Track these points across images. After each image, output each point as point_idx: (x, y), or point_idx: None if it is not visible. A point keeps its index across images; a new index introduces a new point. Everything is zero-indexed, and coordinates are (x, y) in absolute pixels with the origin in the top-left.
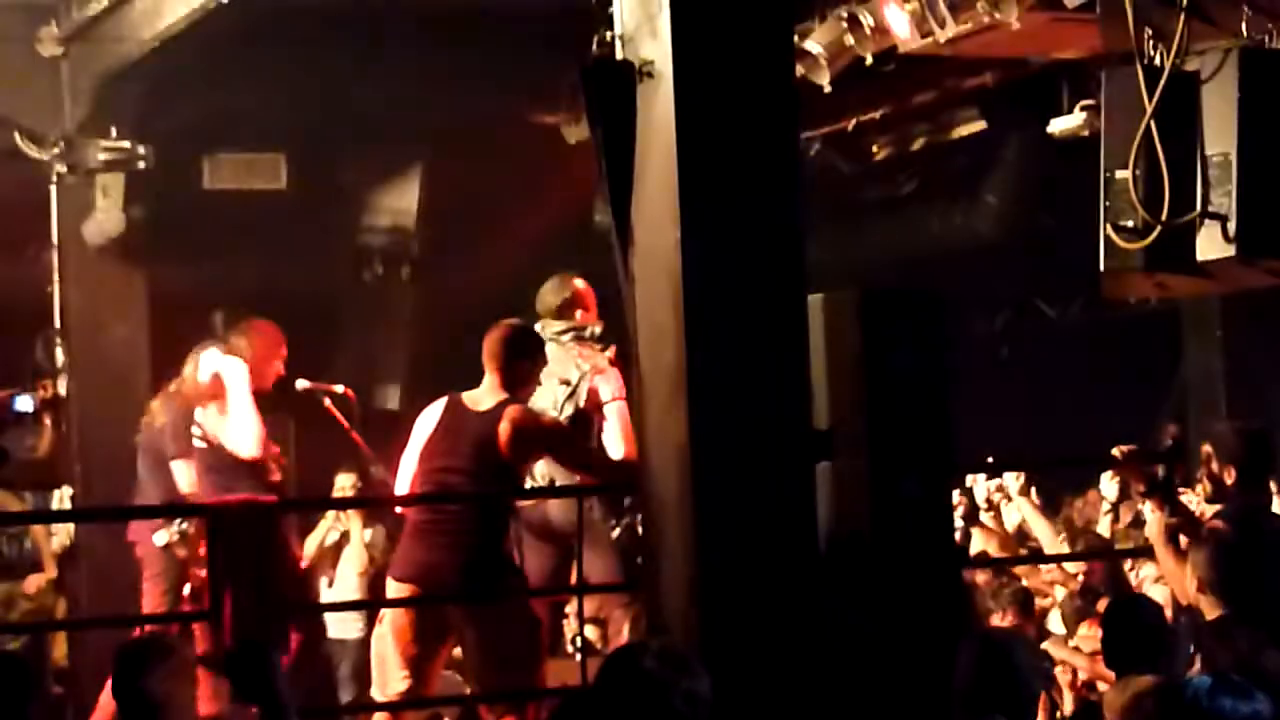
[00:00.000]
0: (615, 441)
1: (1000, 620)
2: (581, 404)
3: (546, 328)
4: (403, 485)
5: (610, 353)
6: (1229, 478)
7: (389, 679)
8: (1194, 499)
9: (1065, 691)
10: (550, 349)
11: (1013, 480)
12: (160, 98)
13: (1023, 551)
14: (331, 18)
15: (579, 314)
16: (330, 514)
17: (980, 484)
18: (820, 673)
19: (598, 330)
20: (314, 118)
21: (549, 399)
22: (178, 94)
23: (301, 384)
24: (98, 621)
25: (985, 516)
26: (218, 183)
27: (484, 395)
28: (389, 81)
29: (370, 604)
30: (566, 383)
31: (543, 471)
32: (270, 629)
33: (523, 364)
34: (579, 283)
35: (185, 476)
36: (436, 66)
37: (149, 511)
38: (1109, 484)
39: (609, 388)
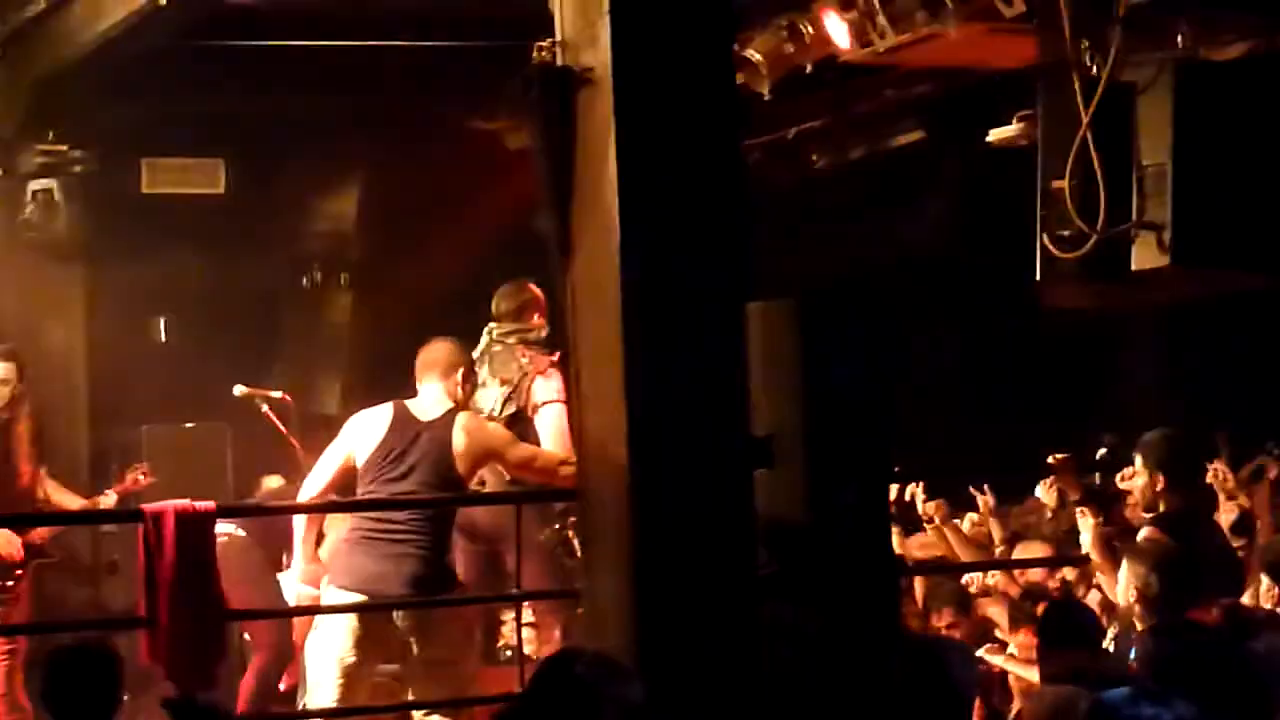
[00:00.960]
0: (549, 444)
1: (937, 619)
2: (521, 404)
3: (492, 330)
4: (316, 487)
5: (554, 355)
6: (1159, 484)
7: (322, 688)
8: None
9: (1016, 698)
10: (495, 350)
11: (934, 509)
12: (99, 101)
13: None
14: (271, 22)
15: (535, 318)
16: None
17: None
18: (758, 681)
19: (543, 334)
20: (253, 122)
21: (490, 399)
22: (116, 97)
23: (239, 389)
24: (35, 628)
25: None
26: (156, 187)
27: (431, 405)
28: (329, 86)
29: (319, 610)
30: (508, 382)
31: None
32: (206, 636)
33: (471, 378)
34: (534, 288)
35: None
36: (377, 72)
37: (83, 518)
38: (1044, 491)
39: (547, 389)
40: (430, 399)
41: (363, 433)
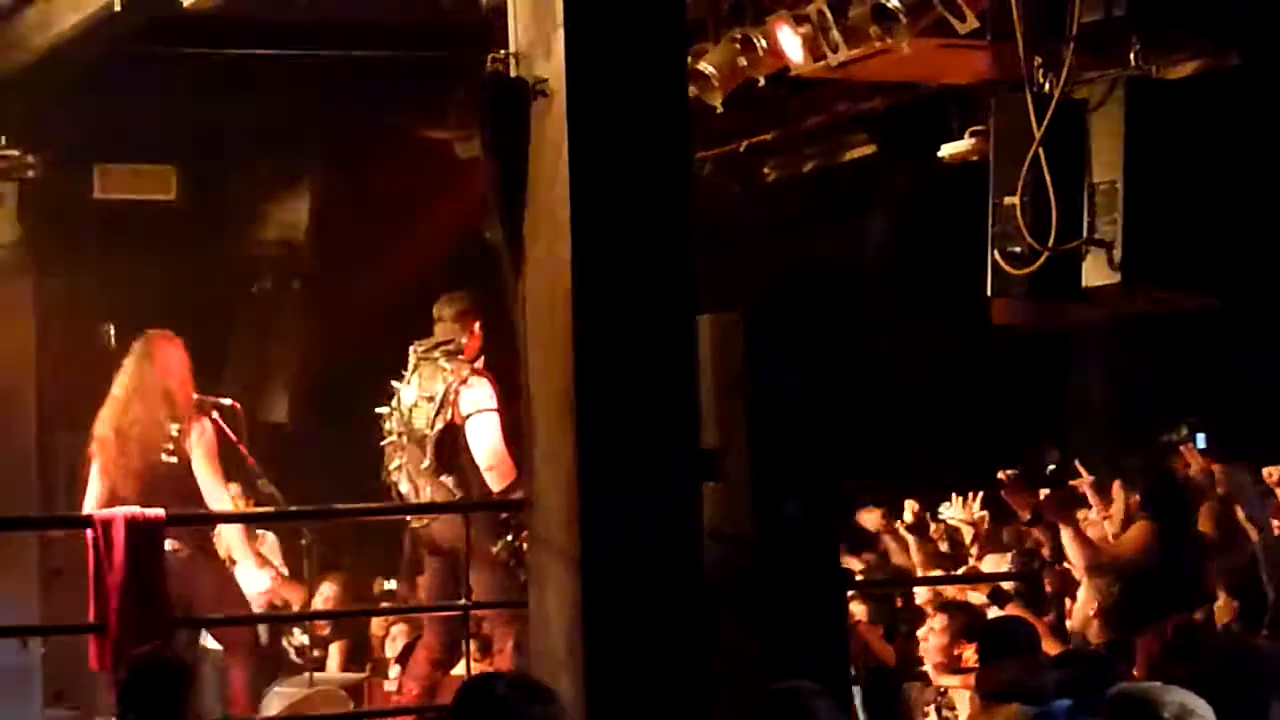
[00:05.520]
0: (480, 454)
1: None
2: (449, 417)
3: (417, 348)
4: None
5: (479, 363)
6: (1133, 505)
7: None
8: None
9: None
10: (421, 368)
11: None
12: (50, 107)
13: None
14: (223, 29)
15: (476, 326)
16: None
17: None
18: (705, 694)
19: (463, 343)
20: (205, 129)
21: (422, 419)
22: (68, 103)
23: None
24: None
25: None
26: (108, 193)
27: None
28: (281, 94)
29: (271, 618)
30: (431, 399)
31: (417, 486)
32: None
33: None
34: (473, 299)
35: None
36: (329, 80)
37: (33, 523)
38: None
39: (473, 398)
40: None
41: None
